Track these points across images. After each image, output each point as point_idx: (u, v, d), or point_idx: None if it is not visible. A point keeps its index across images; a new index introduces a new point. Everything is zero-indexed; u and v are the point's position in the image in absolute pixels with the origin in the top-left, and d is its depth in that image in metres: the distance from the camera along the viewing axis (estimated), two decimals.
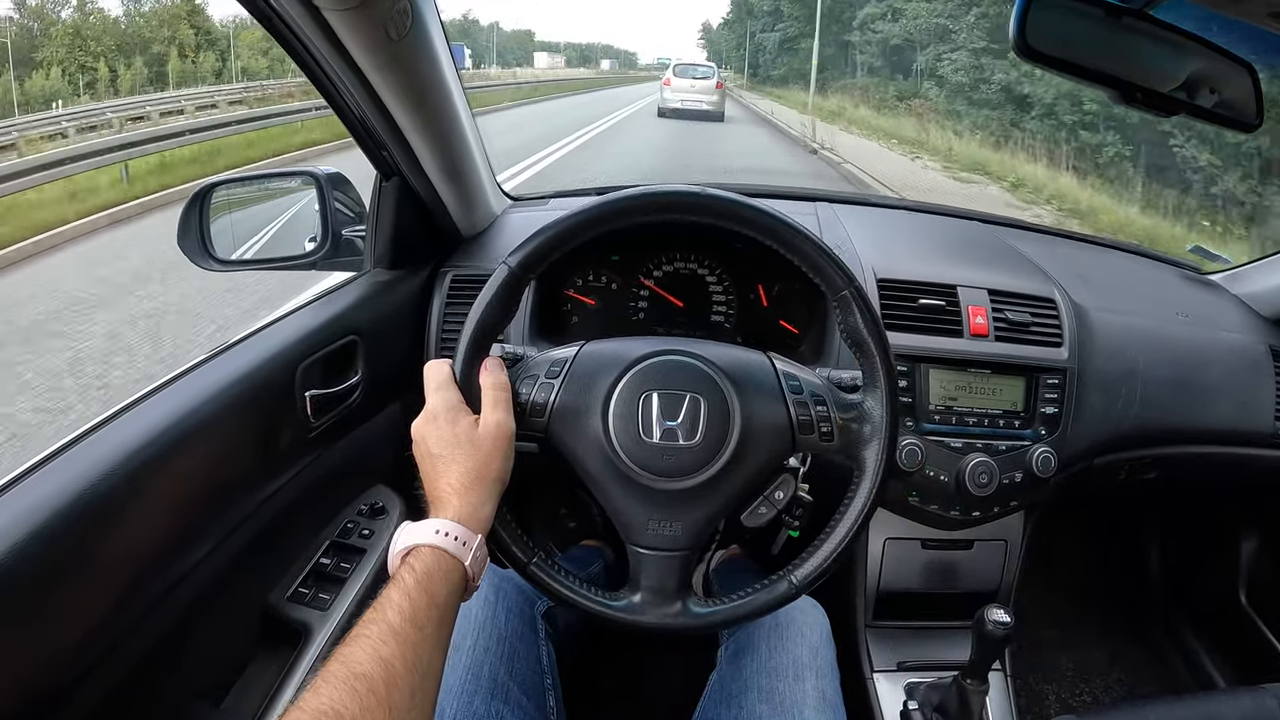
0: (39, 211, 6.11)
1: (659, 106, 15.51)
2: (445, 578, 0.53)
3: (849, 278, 0.65)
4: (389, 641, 0.47)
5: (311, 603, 0.85)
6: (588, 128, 12.83)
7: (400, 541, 0.55)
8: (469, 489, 0.57)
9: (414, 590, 0.51)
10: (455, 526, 0.55)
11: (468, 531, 0.56)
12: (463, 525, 0.55)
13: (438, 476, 0.58)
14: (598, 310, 1.10)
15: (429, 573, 0.52)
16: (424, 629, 0.49)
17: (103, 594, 0.60)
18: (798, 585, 0.65)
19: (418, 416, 0.61)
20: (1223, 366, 1.09)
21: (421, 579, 0.52)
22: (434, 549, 0.54)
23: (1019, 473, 0.91)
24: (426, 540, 0.54)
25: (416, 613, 0.50)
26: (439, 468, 0.58)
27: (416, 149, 0.89)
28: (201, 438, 0.69)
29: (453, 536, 0.55)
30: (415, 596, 0.50)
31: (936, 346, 0.94)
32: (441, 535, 0.54)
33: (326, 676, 0.45)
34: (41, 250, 5.57)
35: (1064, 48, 0.73)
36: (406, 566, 0.53)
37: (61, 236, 5.82)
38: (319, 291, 0.96)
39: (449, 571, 0.53)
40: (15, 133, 10.28)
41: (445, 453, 0.59)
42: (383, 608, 0.49)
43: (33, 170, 6.43)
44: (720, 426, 0.63)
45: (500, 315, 0.64)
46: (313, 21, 0.67)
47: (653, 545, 0.63)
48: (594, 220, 0.64)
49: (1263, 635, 1.28)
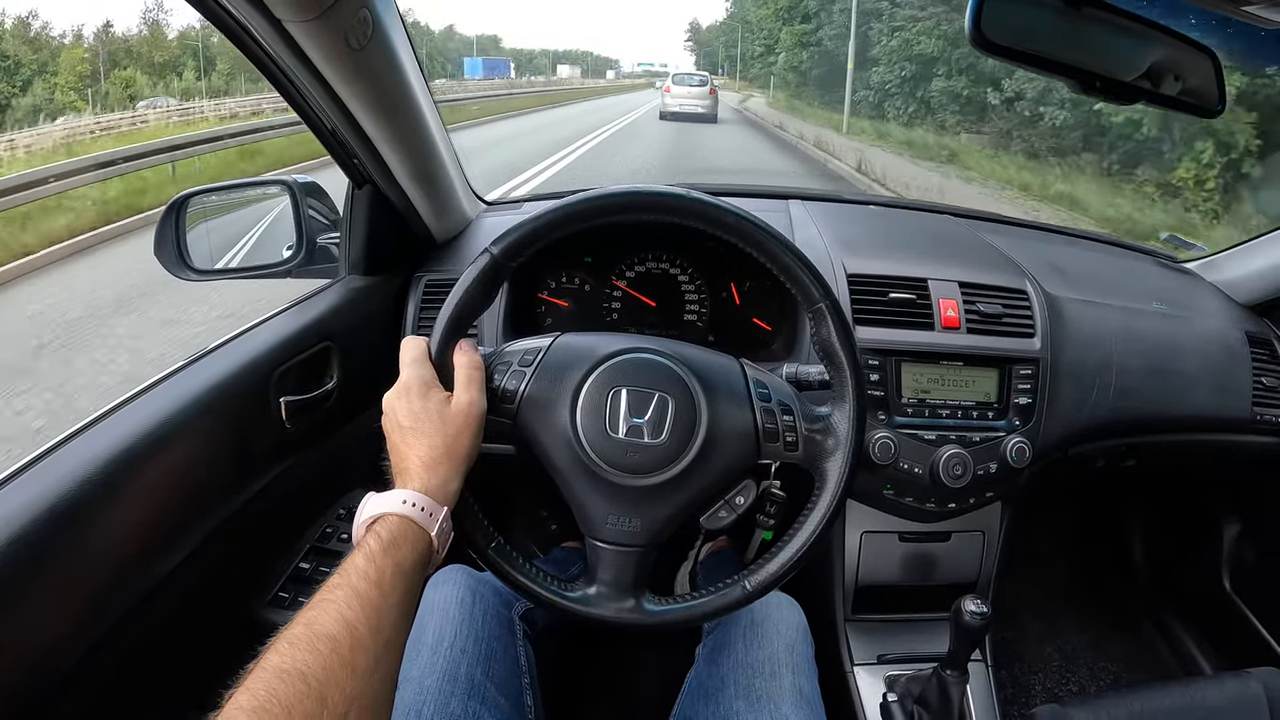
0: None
1: (660, 110, 17.49)
2: (411, 546, 0.53)
3: (825, 290, 0.65)
4: (353, 605, 0.47)
5: (292, 606, 0.86)
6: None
7: (366, 510, 0.55)
8: (437, 463, 0.58)
9: (379, 556, 0.51)
10: (422, 498, 0.55)
11: (434, 503, 0.56)
12: (429, 497, 0.56)
13: (407, 449, 0.58)
14: (571, 312, 1.11)
15: (395, 540, 0.52)
16: (388, 595, 0.49)
17: (80, 600, 0.60)
18: (751, 590, 0.65)
19: (390, 389, 0.62)
20: (1199, 354, 1.09)
21: (387, 546, 0.52)
22: (401, 517, 0.54)
23: (993, 463, 0.92)
24: (393, 509, 0.54)
25: (382, 578, 0.50)
26: (408, 440, 0.59)
27: (387, 157, 0.89)
28: (177, 444, 0.70)
29: (419, 507, 0.55)
30: (380, 562, 0.50)
31: (908, 340, 0.94)
32: (408, 505, 0.55)
33: (289, 637, 0.44)
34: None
35: (1022, 39, 0.73)
36: (372, 533, 0.53)
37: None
38: (294, 298, 0.96)
39: (415, 540, 0.54)
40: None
41: (415, 425, 0.59)
42: (347, 572, 0.49)
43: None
44: (686, 427, 0.64)
45: (479, 300, 0.64)
46: (275, 34, 0.68)
47: (611, 540, 0.64)
48: (577, 215, 0.64)
49: (1247, 621, 1.29)
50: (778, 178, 9.68)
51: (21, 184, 6.04)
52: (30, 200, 5.98)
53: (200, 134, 9.31)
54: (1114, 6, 0.74)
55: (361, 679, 0.45)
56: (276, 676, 0.42)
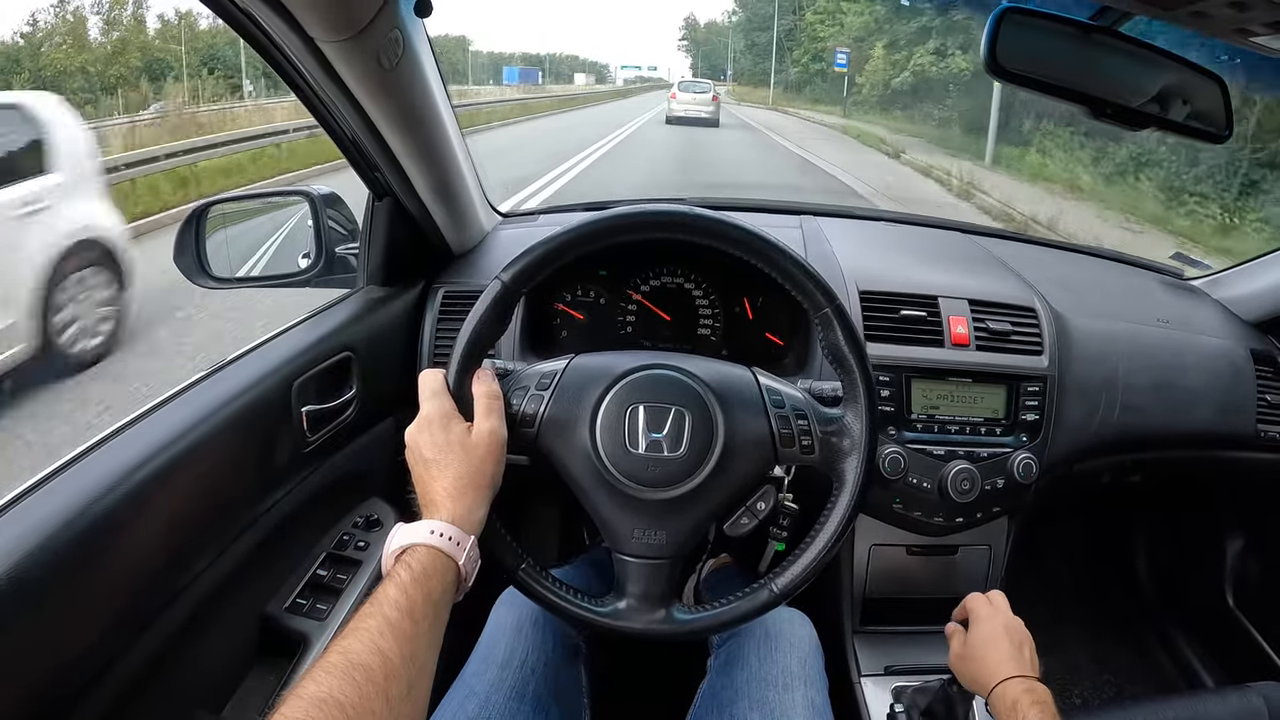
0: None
1: (667, 115, 18.97)
2: (440, 576, 0.55)
3: (830, 296, 0.67)
4: (386, 635, 0.48)
5: (309, 613, 0.86)
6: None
7: (395, 541, 0.57)
8: (462, 493, 0.59)
9: (410, 587, 0.52)
10: (449, 528, 0.57)
11: (461, 533, 0.57)
12: (456, 526, 0.57)
13: (431, 481, 0.60)
14: (586, 324, 1.12)
15: (425, 571, 0.54)
16: (419, 624, 0.51)
17: (105, 607, 0.61)
18: (778, 593, 0.67)
19: (411, 424, 0.63)
20: (1204, 371, 1.10)
21: (418, 576, 0.53)
22: (429, 548, 0.55)
23: (1000, 479, 0.93)
24: (422, 540, 0.56)
25: (413, 608, 0.51)
26: (432, 472, 0.60)
27: (409, 171, 0.91)
28: (201, 453, 0.71)
29: (447, 537, 0.56)
30: (412, 593, 0.52)
31: (919, 357, 0.95)
32: (436, 535, 0.56)
33: (325, 666, 0.46)
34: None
35: (1036, 66, 0.75)
36: (402, 564, 0.54)
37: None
38: (314, 309, 0.98)
39: (444, 570, 0.55)
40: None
41: (439, 458, 0.60)
42: (380, 603, 0.51)
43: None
44: (704, 439, 0.65)
45: (493, 328, 0.66)
46: (308, 52, 0.70)
47: (638, 553, 0.65)
48: (585, 238, 0.66)
49: (1250, 635, 1.30)
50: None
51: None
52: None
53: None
54: (1126, 35, 0.76)
55: (395, 707, 0.46)
56: (314, 705, 0.43)
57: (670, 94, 20.39)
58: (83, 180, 3.29)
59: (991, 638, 0.72)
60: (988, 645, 0.71)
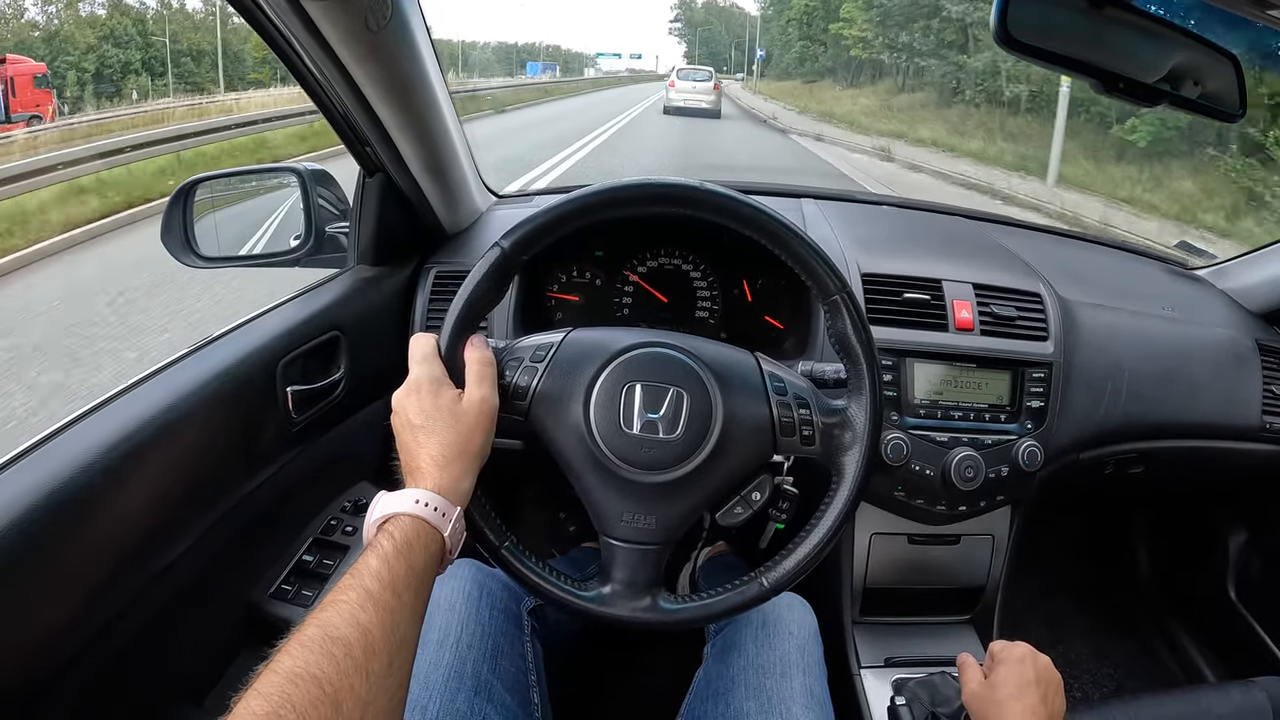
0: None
1: (665, 105, 17.91)
2: (424, 547, 0.52)
3: (841, 283, 0.64)
4: (367, 607, 0.46)
5: (294, 600, 0.84)
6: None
7: (378, 510, 0.54)
8: (450, 462, 0.57)
9: (393, 558, 0.50)
10: (435, 497, 0.54)
11: (447, 503, 0.55)
12: (442, 496, 0.55)
13: (418, 448, 0.57)
14: (582, 306, 1.10)
15: (408, 541, 0.51)
16: (402, 597, 0.48)
17: (81, 589, 0.59)
18: (769, 588, 0.64)
19: (399, 388, 0.60)
20: (1209, 361, 1.09)
21: (401, 547, 0.50)
22: (413, 518, 0.53)
23: (1005, 467, 0.91)
24: (406, 509, 0.53)
25: (395, 580, 0.48)
26: (419, 439, 0.57)
27: (400, 145, 0.88)
28: (181, 432, 0.69)
29: (432, 507, 0.54)
30: (394, 564, 0.49)
31: (922, 340, 0.93)
32: (421, 505, 0.53)
33: (302, 640, 0.43)
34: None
35: (1045, 38, 0.73)
36: (385, 534, 0.51)
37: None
38: (302, 287, 0.95)
39: (428, 541, 0.52)
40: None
41: (426, 424, 0.58)
42: (360, 574, 0.48)
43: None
44: (701, 422, 0.63)
45: (489, 295, 0.63)
46: (292, 12, 0.67)
47: (626, 538, 0.63)
48: (590, 208, 0.63)
49: (1252, 630, 1.28)
50: None
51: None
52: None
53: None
54: (1136, 8, 0.74)
55: (375, 683, 0.44)
56: (290, 680, 0.41)
57: (668, 82, 18.96)
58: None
59: (1021, 685, 0.68)
60: (1016, 694, 0.67)
